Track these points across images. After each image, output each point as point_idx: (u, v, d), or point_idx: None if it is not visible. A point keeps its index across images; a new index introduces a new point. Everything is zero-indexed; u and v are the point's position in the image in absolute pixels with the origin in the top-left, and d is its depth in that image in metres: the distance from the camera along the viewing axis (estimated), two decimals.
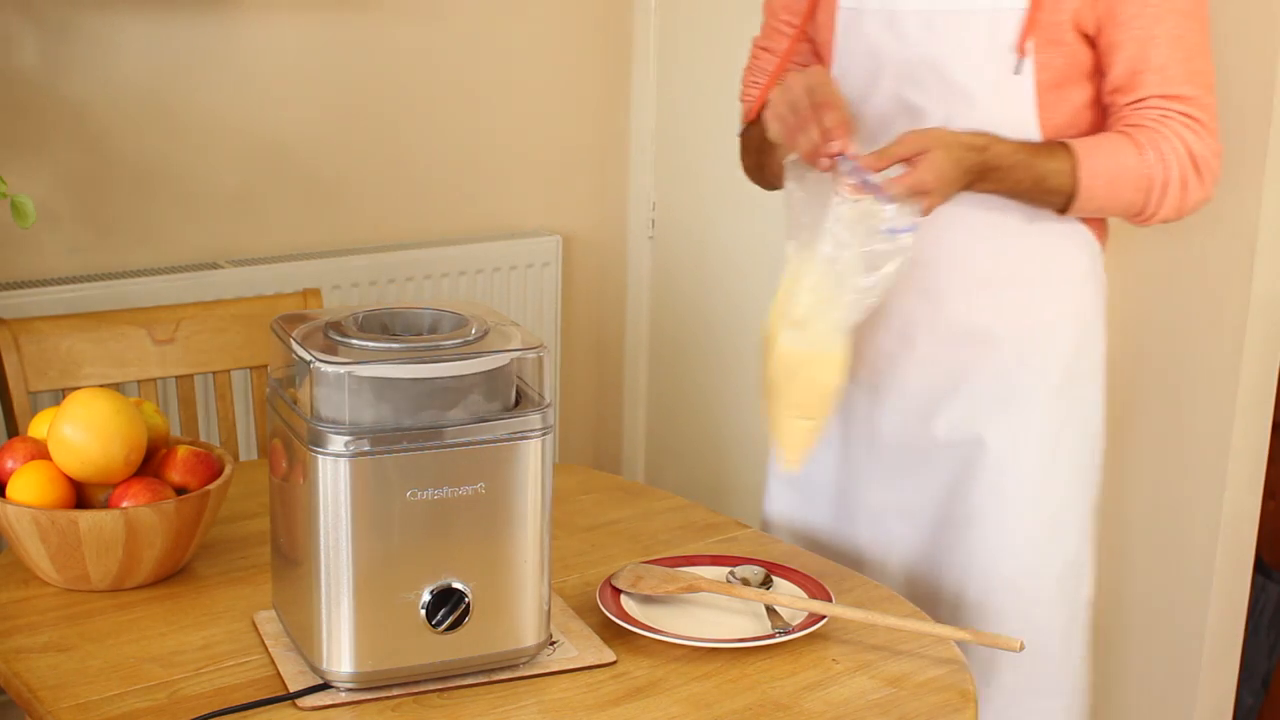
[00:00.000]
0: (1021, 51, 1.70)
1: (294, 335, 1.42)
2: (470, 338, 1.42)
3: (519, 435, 1.40)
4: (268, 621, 1.53)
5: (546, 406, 1.42)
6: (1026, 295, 1.81)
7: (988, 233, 1.79)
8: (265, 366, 2.24)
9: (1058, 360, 1.83)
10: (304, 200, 2.66)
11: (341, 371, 1.36)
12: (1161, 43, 1.70)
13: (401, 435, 1.36)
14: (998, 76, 1.73)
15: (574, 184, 3.02)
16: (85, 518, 1.54)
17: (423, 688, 1.42)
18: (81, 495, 1.62)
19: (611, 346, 3.16)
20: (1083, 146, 1.72)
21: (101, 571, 1.58)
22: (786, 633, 1.52)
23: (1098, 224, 1.85)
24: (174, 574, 1.64)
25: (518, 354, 1.43)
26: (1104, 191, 1.72)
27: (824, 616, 1.54)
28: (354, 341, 1.40)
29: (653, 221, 3.15)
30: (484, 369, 1.40)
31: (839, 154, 1.63)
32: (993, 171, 1.69)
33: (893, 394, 1.86)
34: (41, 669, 1.44)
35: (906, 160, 1.64)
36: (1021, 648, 1.51)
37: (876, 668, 1.50)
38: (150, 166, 2.48)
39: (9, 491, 1.59)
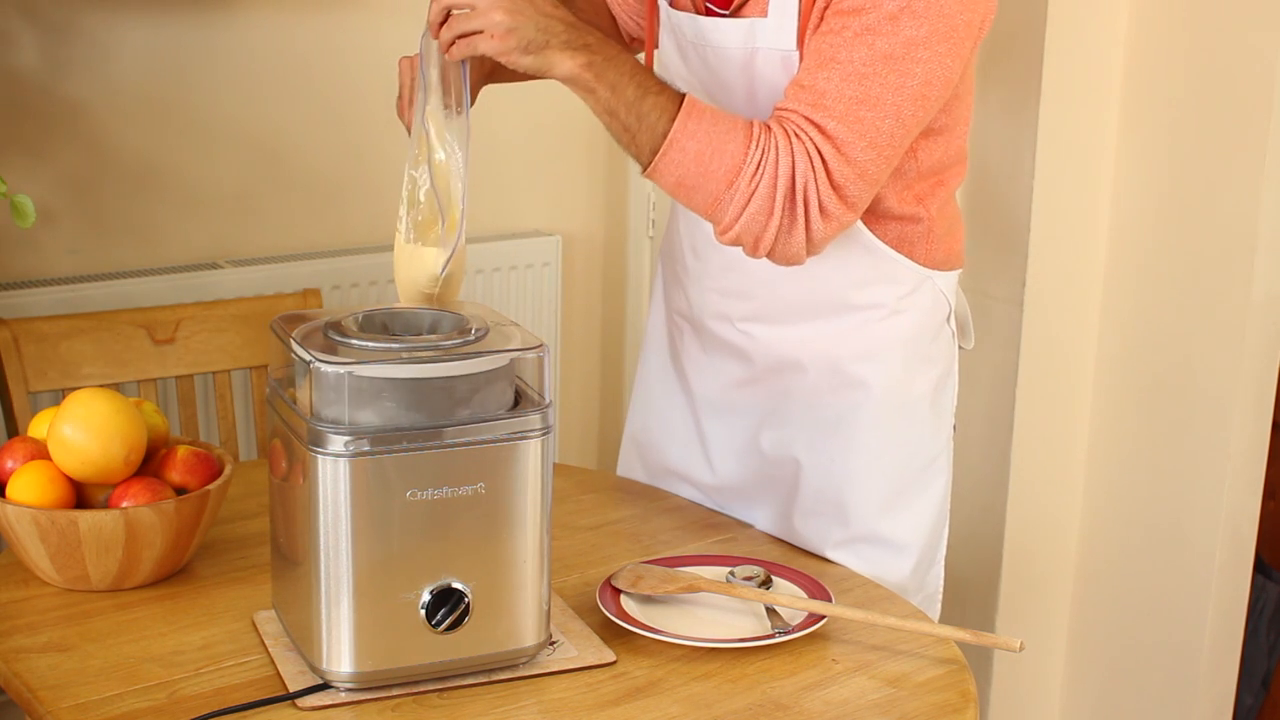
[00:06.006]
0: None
1: (294, 335, 1.42)
2: (470, 338, 1.42)
3: (519, 435, 1.40)
4: (268, 621, 1.53)
5: (546, 406, 1.42)
6: (832, 326, 1.73)
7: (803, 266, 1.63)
8: (265, 366, 2.24)
9: (872, 390, 1.74)
10: (303, 200, 2.66)
11: (341, 371, 1.36)
12: (836, 71, 1.51)
13: (401, 435, 1.36)
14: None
15: (574, 184, 3.02)
16: (85, 518, 1.54)
17: (422, 688, 1.42)
18: (81, 495, 1.62)
19: (611, 346, 3.16)
20: (698, 103, 1.53)
21: (101, 571, 1.58)
22: (786, 633, 1.52)
23: (933, 251, 1.74)
24: (174, 574, 1.64)
25: (518, 354, 1.43)
26: (696, 152, 1.51)
27: (824, 616, 1.54)
28: (354, 341, 1.40)
29: (653, 221, 3.14)
30: (484, 369, 1.40)
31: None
32: (591, 46, 1.51)
33: (730, 413, 1.84)
34: (41, 669, 1.44)
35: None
36: (1021, 648, 1.51)
37: (876, 668, 1.50)
38: (149, 166, 2.48)
39: (9, 491, 1.59)
